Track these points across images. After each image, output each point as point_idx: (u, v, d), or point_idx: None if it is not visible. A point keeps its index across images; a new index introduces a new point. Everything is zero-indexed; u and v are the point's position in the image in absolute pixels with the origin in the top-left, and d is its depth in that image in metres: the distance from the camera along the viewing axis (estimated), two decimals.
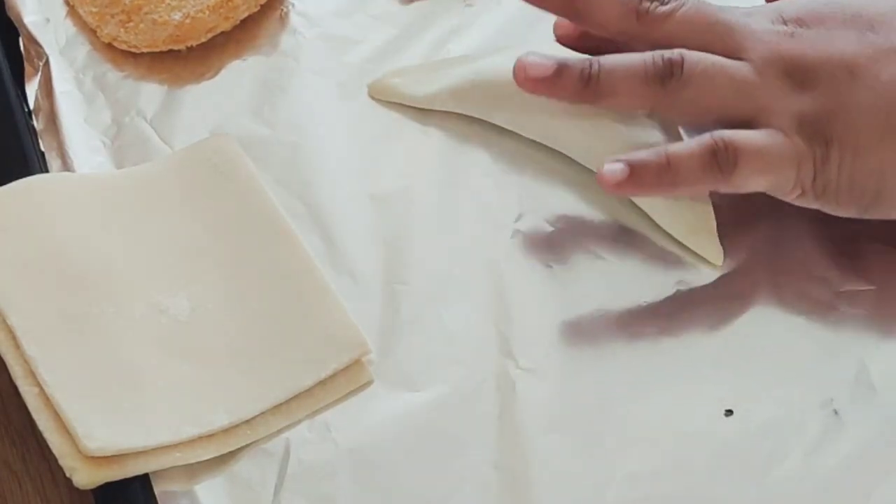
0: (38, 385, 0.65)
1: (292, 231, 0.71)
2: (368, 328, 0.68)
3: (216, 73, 0.77)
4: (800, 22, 0.68)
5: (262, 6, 0.78)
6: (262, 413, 0.66)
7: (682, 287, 0.70)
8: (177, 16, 0.76)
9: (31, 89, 0.77)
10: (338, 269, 0.71)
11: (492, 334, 0.69)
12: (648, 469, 0.65)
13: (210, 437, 0.65)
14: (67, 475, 0.63)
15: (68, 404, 0.64)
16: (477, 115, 0.74)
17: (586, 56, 0.69)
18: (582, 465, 0.65)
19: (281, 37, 0.78)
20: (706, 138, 0.67)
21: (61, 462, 0.64)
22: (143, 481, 0.65)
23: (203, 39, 0.77)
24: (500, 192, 0.73)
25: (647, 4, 0.68)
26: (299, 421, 0.67)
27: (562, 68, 0.69)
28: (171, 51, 0.77)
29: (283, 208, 0.72)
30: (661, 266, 0.70)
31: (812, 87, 0.67)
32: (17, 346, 0.66)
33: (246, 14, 0.78)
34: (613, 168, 0.67)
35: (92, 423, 0.64)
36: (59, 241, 0.70)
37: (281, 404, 0.66)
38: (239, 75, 0.77)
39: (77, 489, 0.64)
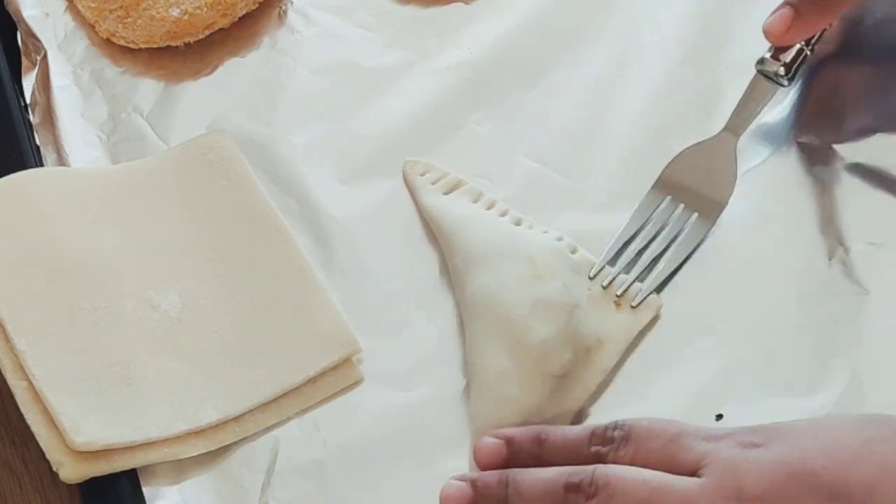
0: (27, 379, 0.65)
1: (286, 229, 0.71)
2: (359, 327, 0.68)
3: (213, 70, 0.77)
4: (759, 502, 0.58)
5: (260, 4, 0.78)
6: (251, 410, 0.66)
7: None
8: (175, 12, 0.76)
9: (28, 83, 0.77)
10: (330, 267, 0.70)
11: None
12: None
13: (198, 433, 0.65)
14: (54, 469, 0.63)
15: (56, 398, 0.64)
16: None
17: (503, 475, 0.62)
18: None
19: (279, 35, 0.78)
20: None
21: (48, 456, 0.64)
22: (131, 477, 0.65)
23: (201, 36, 0.77)
24: (496, 196, 0.73)
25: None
26: (288, 418, 0.67)
27: (477, 496, 0.62)
28: (168, 47, 0.77)
29: (277, 206, 0.72)
30: None
31: None
32: (7, 339, 0.66)
33: (244, 11, 0.78)
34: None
35: (80, 417, 0.64)
36: (52, 235, 0.70)
37: (270, 402, 0.67)
38: (236, 73, 0.77)
39: (77, 489, 0.64)
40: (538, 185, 0.73)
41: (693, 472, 0.59)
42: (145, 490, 0.65)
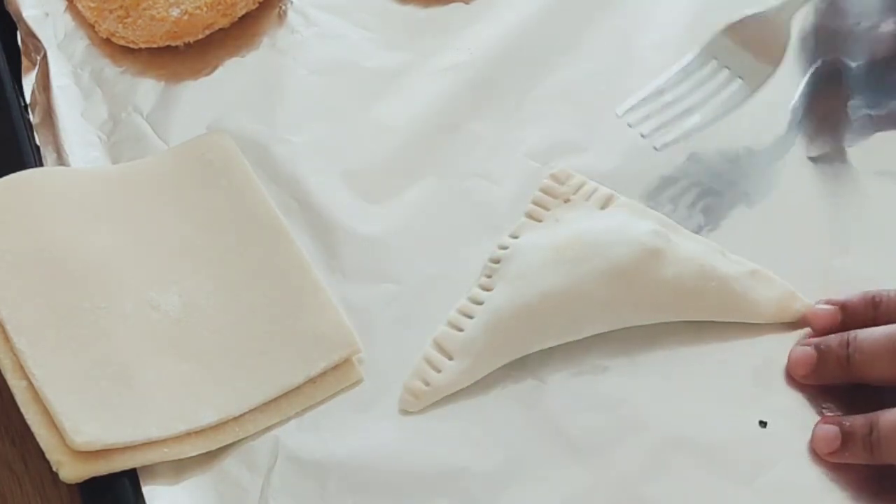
0: (27, 379, 0.65)
1: (286, 229, 0.71)
2: (359, 327, 0.68)
3: (213, 70, 0.78)
4: None
5: (260, 4, 0.78)
6: (251, 410, 0.66)
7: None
8: (175, 12, 0.76)
9: (28, 83, 0.77)
10: (330, 267, 0.70)
11: None
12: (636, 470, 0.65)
13: (198, 433, 0.65)
14: (54, 469, 0.63)
15: (56, 398, 0.64)
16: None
17: (843, 336, 0.65)
18: (569, 466, 0.65)
19: (279, 35, 0.78)
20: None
21: (48, 456, 0.64)
22: (131, 477, 0.65)
23: (201, 36, 0.77)
24: (496, 195, 0.73)
25: None
26: (288, 419, 0.67)
27: (820, 358, 0.65)
28: (168, 47, 0.77)
29: (277, 206, 0.72)
30: None
31: None
32: (7, 339, 0.66)
33: (244, 11, 0.78)
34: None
35: (80, 417, 0.64)
36: (52, 235, 0.70)
37: (270, 402, 0.67)
38: (236, 72, 0.77)
39: (77, 489, 0.64)
40: (538, 185, 0.73)
41: None
42: (145, 490, 0.64)
